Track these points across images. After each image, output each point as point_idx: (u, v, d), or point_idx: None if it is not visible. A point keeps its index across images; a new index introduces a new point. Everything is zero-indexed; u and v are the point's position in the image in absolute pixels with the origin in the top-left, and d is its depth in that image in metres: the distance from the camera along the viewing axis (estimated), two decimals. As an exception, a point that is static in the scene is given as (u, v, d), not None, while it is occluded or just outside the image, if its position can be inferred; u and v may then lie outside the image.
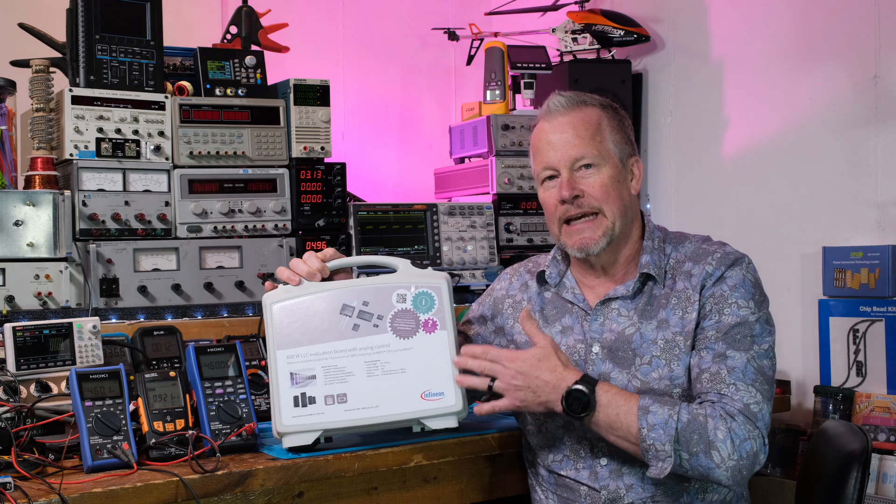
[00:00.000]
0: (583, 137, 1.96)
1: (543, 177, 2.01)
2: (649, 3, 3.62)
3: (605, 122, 1.99)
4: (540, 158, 2.01)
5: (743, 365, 1.86)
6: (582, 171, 1.96)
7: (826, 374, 2.96)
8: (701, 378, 1.87)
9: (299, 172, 2.92)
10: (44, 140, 2.61)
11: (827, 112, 3.04)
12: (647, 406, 1.80)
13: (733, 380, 1.84)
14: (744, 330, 1.89)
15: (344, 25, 3.83)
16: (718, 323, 1.90)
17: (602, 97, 2.05)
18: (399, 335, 2.00)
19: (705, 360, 1.88)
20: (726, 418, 1.79)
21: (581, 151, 1.95)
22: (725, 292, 1.91)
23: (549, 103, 2.02)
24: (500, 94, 3.46)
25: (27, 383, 2.11)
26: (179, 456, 1.89)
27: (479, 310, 2.23)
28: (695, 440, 1.77)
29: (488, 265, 3.20)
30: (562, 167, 1.96)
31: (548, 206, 2.01)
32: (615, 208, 1.95)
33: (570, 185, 1.95)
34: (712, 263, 1.95)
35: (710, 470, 1.78)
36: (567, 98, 2.00)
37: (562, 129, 1.97)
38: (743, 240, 2.36)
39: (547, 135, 2.00)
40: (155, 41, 2.75)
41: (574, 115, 1.98)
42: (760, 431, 1.81)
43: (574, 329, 2.02)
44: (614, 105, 2.04)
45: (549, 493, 2.03)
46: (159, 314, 2.68)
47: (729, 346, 1.87)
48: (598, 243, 1.95)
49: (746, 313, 1.90)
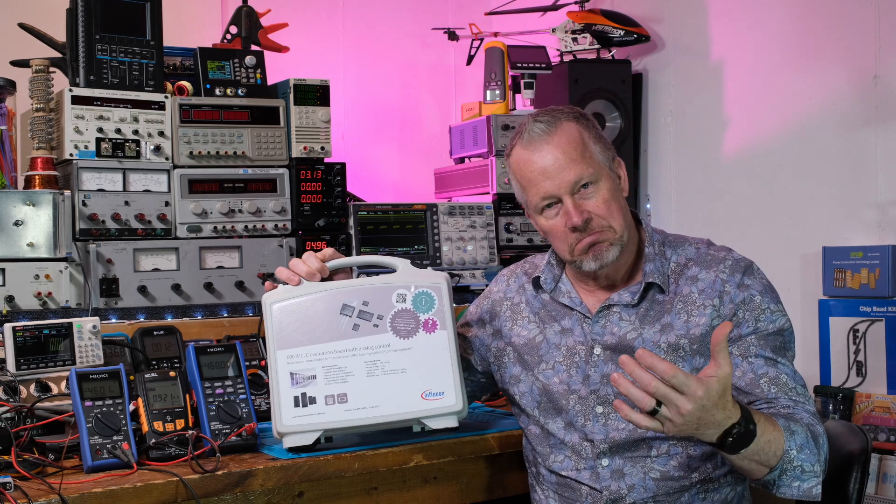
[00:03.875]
0: (574, 158, 1.91)
1: (542, 206, 1.95)
2: (649, 3, 3.62)
3: (585, 134, 1.94)
4: (535, 190, 1.94)
5: (793, 372, 1.88)
6: (582, 192, 1.92)
7: (826, 374, 2.96)
8: (759, 383, 1.86)
9: (299, 172, 2.92)
10: (44, 140, 2.61)
11: (827, 112, 3.04)
12: (787, 426, 1.74)
13: (794, 384, 1.86)
14: (781, 338, 1.90)
15: (344, 25, 3.83)
16: (757, 330, 1.89)
17: (568, 106, 2.01)
18: (399, 335, 2.00)
19: (757, 366, 1.87)
20: (819, 424, 1.80)
21: (578, 173, 1.91)
22: (756, 299, 1.91)
23: (530, 132, 1.95)
24: (500, 94, 3.46)
25: (27, 383, 2.11)
26: (179, 456, 1.89)
27: (477, 312, 2.23)
28: (819, 452, 1.76)
29: (488, 265, 3.20)
30: (563, 193, 1.91)
31: (555, 234, 1.96)
32: (620, 219, 1.94)
33: (578, 211, 1.90)
34: (725, 271, 1.94)
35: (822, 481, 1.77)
36: (545, 122, 1.94)
37: (552, 155, 1.92)
38: (743, 240, 2.36)
39: (537, 164, 1.93)
40: (155, 41, 2.75)
41: (557, 137, 1.92)
42: (826, 436, 1.82)
43: (574, 331, 2.02)
44: (582, 112, 2.00)
45: (549, 492, 2.03)
46: (159, 314, 2.68)
47: (776, 353, 1.88)
48: (610, 252, 1.92)
49: (780, 319, 1.91)
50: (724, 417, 1.64)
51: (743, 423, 1.65)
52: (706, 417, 1.62)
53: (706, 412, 1.61)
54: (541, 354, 2.04)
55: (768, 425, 1.71)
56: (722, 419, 1.64)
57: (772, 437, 1.71)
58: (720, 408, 1.63)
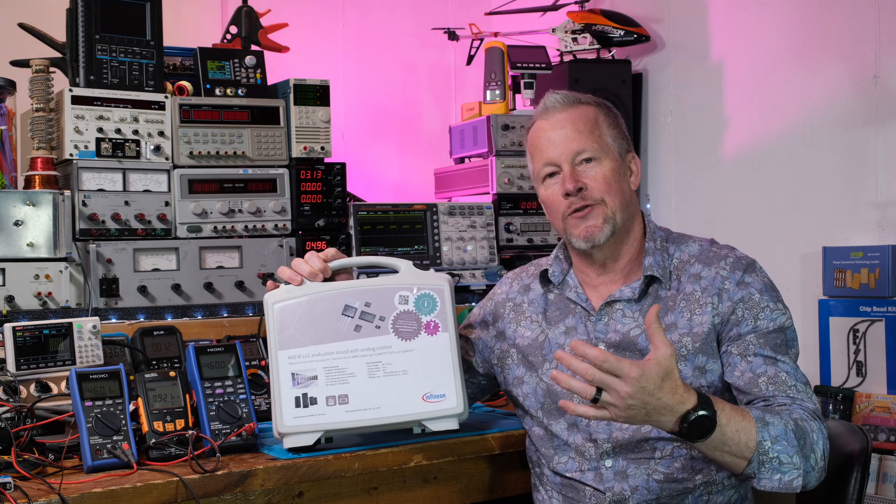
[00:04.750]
0: (582, 132, 1.96)
1: (544, 174, 2.01)
2: (649, 3, 3.62)
3: (601, 118, 2.00)
4: (539, 156, 2.01)
5: (794, 369, 1.88)
6: (583, 165, 1.96)
7: (826, 374, 2.96)
8: (758, 382, 1.86)
9: (299, 172, 2.92)
10: (44, 140, 2.61)
11: (827, 112, 3.04)
12: (762, 417, 1.74)
13: (794, 382, 1.85)
14: (782, 335, 1.90)
15: (344, 25, 3.83)
16: (756, 329, 1.89)
17: (596, 97, 2.06)
18: (401, 337, 2.00)
19: (756, 364, 1.87)
20: (814, 420, 1.80)
21: (581, 145, 1.96)
22: (755, 297, 1.91)
23: (546, 101, 2.02)
24: (500, 94, 3.46)
25: (27, 383, 2.11)
26: (179, 456, 1.89)
27: (481, 314, 2.23)
28: (802, 444, 1.75)
29: (488, 265, 3.19)
30: (563, 162, 1.96)
31: (551, 203, 2.01)
32: (616, 200, 1.96)
33: (573, 179, 1.95)
34: (726, 268, 1.95)
35: (808, 473, 1.76)
36: (563, 96, 2.01)
37: (560, 125, 1.98)
38: (743, 240, 2.36)
39: (546, 132, 2.00)
40: (155, 41, 2.75)
41: (571, 111, 1.99)
42: (827, 433, 1.82)
43: (578, 329, 2.02)
44: (608, 104, 2.06)
45: (553, 493, 2.03)
46: (159, 314, 2.68)
47: (775, 351, 1.88)
48: (602, 230, 1.95)
49: (780, 317, 1.91)
50: (677, 402, 1.65)
51: (699, 407, 1.66)
52: (652, 402, 1.63)
53: (649, 395, 1.63)
54: (544, 355, 2.04)
55: (735, 415, 1.72)
56: (673, 403, 1.65)
57: (741, 427, 1.71)
58: (667, 391, 1.64)
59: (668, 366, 1.64)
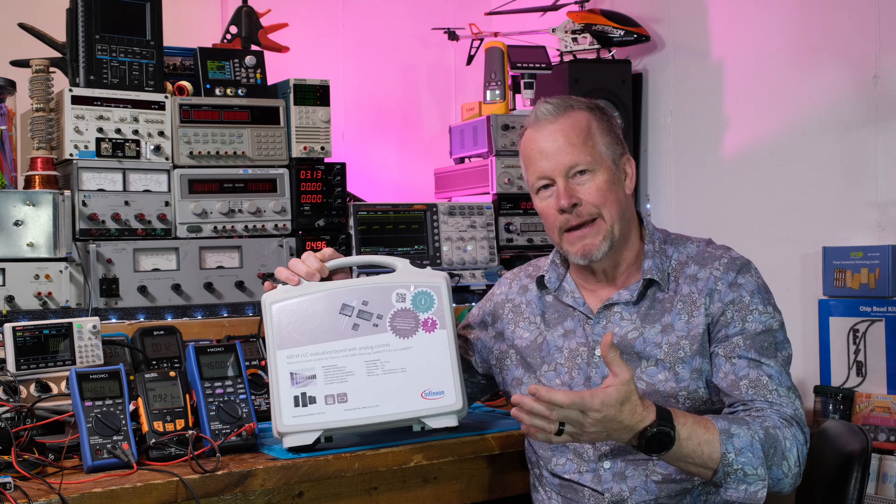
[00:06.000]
0: (575, 144, 1.93)
1: (538, 186, 1.98)
2: (649, 3, 3.62)
3: (594, 124, 1.97)
4: (533, 168, 1.98)
5: (778, 373, 1.87)
6: (577, 178, 1.94)
7: (826, 374, 2.96)
8: (739, 385, 1.86)
9: (299, 172, 2.92)
10: (44, 140, 2.61)
11: (827, 112, 3.04)
12: (727, 429, 1.75)
13: (775, 386, 1.85)
14: (770, 338, 1.89)
15: (344, 25, 3.83)
16: (743, 331, 1.89)
17: (587, 99, 2.03)
18: (399, 334, 2.00)
19: (739, 367, 1.87)
20: (788, 426, 1.79)
21: (575, 158, 1.93)
22: (745, 299, 1.91)
23: (537, 112, 1.99)
24: (500, 94, 3.46)
25: (27, 383, 2.11)
26: (179, 456, 1.89)
27: (480, 314, 2.23)
28: (772, 454, 1.76)
29: (488, 265, 3.20)
30: (556, 175, 1.94)
31: (546, 216, 1.99)
32: (613, 212, 1.94)
33: (567, 194, 1.92)
34: (720, 269, 1.94)
35: (780, 481, 1.77)
36: (554, 105, 1.98)
37: (552, 136, 1.95)
38: (743, 240, 2.36)
39: (538, 144, 1.97)
40: (155, 41, 2.75)
41: (563, 121, 1.95)
42: (806, 437, 1.82)
43: (576, 332, 2.02)
44: (600, 106, 2.02)
45: (552, 493, 2.03)
46: (159, 314, 2.68)
47: (761, 354, 1.87)
48: (599, 248, 1.94)
49: (769, 320, 1.90)
50: (636, 421, 1.70)
51: (657, 424, 1.70)
52: (613, 424, 1.69)
53: (611, 420, 1.69)
54: (543, 356, 2.04)
55: (698, 428, 1.74)
56: (632, 422, 1.70)
57: (703, 440, 1.73)
58: (627, 413, 1.69)
59: (628, 390, 1.69)
